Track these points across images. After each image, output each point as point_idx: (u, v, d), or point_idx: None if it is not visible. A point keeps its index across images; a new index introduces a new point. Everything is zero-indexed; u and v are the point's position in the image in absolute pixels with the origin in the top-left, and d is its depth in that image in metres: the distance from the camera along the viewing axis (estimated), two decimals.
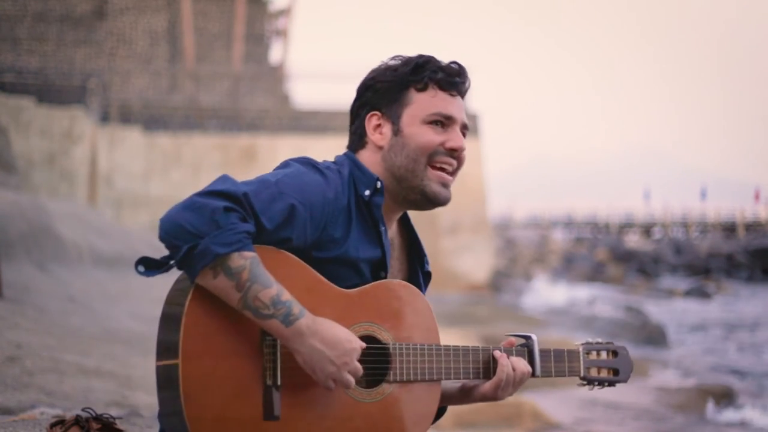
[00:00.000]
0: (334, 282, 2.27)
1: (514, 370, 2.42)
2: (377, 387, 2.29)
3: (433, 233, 26.17)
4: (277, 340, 2.15)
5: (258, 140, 26.70)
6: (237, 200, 2.11)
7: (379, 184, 2.34)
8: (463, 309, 20.81)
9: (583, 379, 2.57)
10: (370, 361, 2.28)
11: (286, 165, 2.30)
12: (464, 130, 2.41)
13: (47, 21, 31.02)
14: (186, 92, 30.03)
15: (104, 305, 10.09)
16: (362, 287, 2.30)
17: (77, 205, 19.38)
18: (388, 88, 2.38)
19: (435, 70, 2.37)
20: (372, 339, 2.29)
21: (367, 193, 2.33)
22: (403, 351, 2.31)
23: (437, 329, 2.40)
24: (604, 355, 2.61)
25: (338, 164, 2.37)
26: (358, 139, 2.42)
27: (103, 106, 26.08)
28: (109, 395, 5.44)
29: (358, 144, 2.42)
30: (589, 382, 2.58)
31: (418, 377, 2.32)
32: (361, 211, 2.34)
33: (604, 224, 64.48)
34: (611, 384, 2.60)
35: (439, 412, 2.48)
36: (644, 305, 23.63)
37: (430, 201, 2.37)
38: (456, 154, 2.38)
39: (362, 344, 2.20)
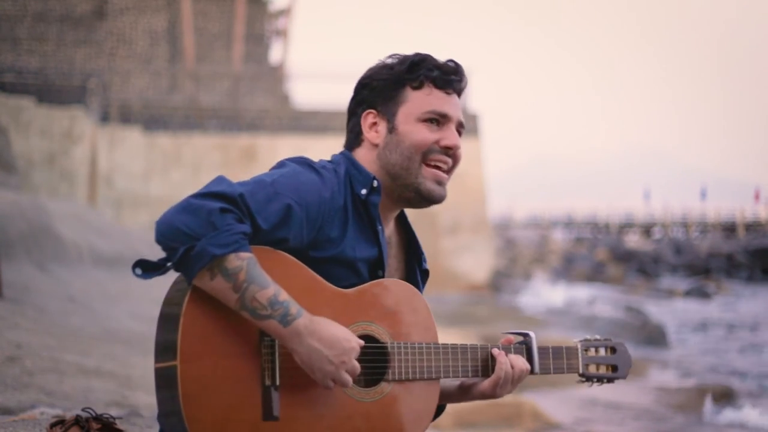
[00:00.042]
0: (332, 282, 2.26)
1: (512, 367, 2.42)
2: (376, 386, 2.28)
3: (433, 233, 26.17)
4: (276, 340, 2.15)
5: (258, 140, 26.70)
6: (233, 201, 2.11)
7: (375, 183, 2.34)
8: (463, 309, 20.80)
9: (582, 375, 2.58)
10: (369, 360, 2.27)
11: (282, 165, 2.30)
12: (460, 129, 2.41)
13: (47, 21, 31.01)
14: (186, 92, 30.01)
15: (104, 305, 10.08)
16: (360, 287, 2.30)
17: (77, 205, 19.37)
18: (384, 86, 2.38)
19: (431, 68, 2.37)
20: (370, 338, 2.29)
21: (363, 192, 2.33)
22: (402, 350, 2.31)
23: (435, 328, 2.40)
24: (602, 351, 2.61)
25: (334, 163, 2.37)
26: (354, 137, 2.42)
27: (103, 106, 26.07)
28: (109, 395, 5.44)
29: (354, 142, 2.42)
30: (588, 378, 2.58)
31: (417, 376, 2.32)
32: (358, 210, 2.33)
33: (604, 224, 64.45)
34: (610, 380, 2.60)
35: (438, 410, 2.48)
36: (644, 305, 23.61)
37: (425, 199, 2.37)
38: (451, 152, 2.37)
39: (360, 342, 2.19)
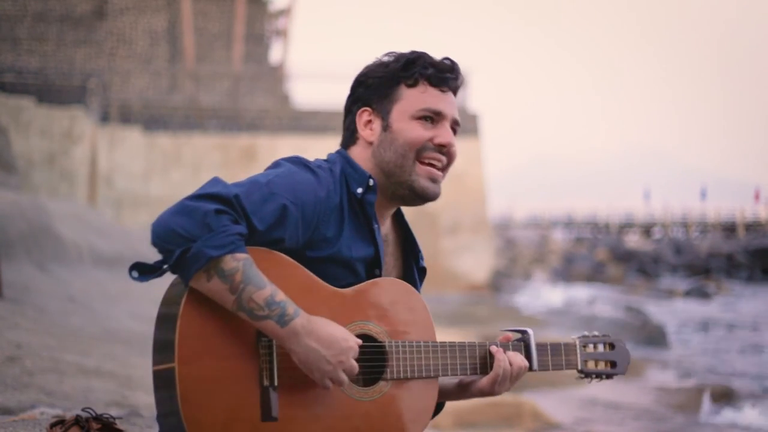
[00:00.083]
0: (329, 281, 2.26)
1: (510, 364, 2.42)
2: (374, 385, 2.28)
3: (433, 233, 26.17)
4: (273, 340, 2.15)
5: (258, 140, 26.70)
6: (228, 202, 2.11)
7: (371, 181, 2.33)
8: (463, 309, 20.81)
9: (581, 372, 2.58)
10: (367, 359, 2.27)
11: (277, 165, 2.30)
12: (455, 126, 2.40)
13: (47, 21, 31.01)
14: (186, 92, 30.01)
15: (104, 305, 10.09)
16: (357, 286, 2.30)
17: (77, 205, 19.37)
18: (379, 83, 2.38)
19: (425, 66, 2.37)
20: (368, 337, 2.29)
21: (359, 190, 2.33)
22: (400, 349, 2.31)
23: (433, 326, 2.40)
24: (601, 347, 2.61)
25: (330, 162, 2.37)
26: (350, 135, 2.43)
27: (103, 106, 26.08)
28: (109, 395, 5.44)
29: (349, 140, 2.42)
30: (586, 375, 2.58)
31: (415, 374, 2.32)
32: (354, 208, 2.33)
33: (604, 224, 64.43)
34: (609, 376, 2.60)
35: (437, 408, 2.48)
36: (644, 305, 23.61)
37: (418, 196, 2.36)
38: (445, 149, 2.37)
39: (358, 341, 2.19)
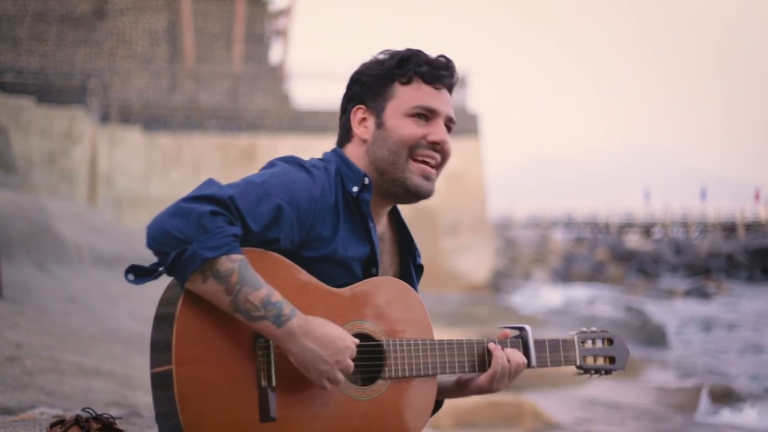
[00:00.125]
0: (326, 281, 2.26)
1: (509, 361, 2.42)
2: (373, 384, 2.28)
3: (433, 233, 26.16)
4: (270, 341, 2.15)
5: (258, 140, 26.69)
6: (223, 204, 2.11)
7: (366, 180, 2.33)
8: (463, 309, 20.81)
9: (580, 368, 2.57)
10: (365, 358, 2.27)
11: (272, 165, 2.30)
12: (450, 124, 2.40)
13: (47, 21, 31.01)
14: (186, 92, 30.01)
15: (104, 305, 10.08)
16: (353, 285, 2.30)
17: (77, 205, 19.37)
18: (374, 81, 2.38)
19: (419, 64, 2.36)
20: (365, 337, 2.29)
21: (355, 189, 2.32)
22: (397, 347, 2.31)
23: (430, 324, 2.39)
24: (599, 343, 2.60)
25: (325, 161, 2.37)
26: (345, 132, 2.43)
27: (103, 106, 26.07)
28: (109, 395, 5.44)
29: (345, 138, 2.42)
30: (586, 370, 2.57)
31: (414, 373, 2.32)
32: (349, 207, 2.33)
33: (604, 224, 64.40)
34: (608, 372, 2.59)
35: (436, 406, 2.48)
36: (644, 305, 23.61)
37: (411, 194, 2.36)
38: (438, 147, 2.36)
39: (355, 341, 2.19)
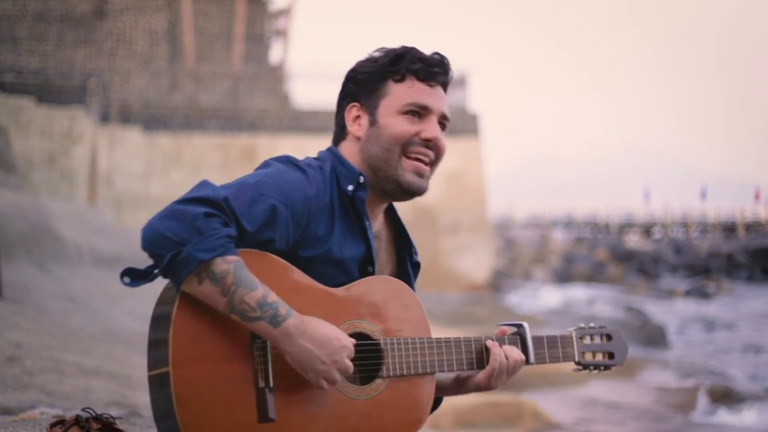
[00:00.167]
0: (323, 281, 2.26)
1: (507, 358, 2.42)
2: (371, 383, 2.28)
3: (433, 233, 26.17)
4: (267, 341, 2.15)
5: (258, 140, 26.69)
6: (217, 205, 2.10)
7: (362, 178, 2.33)
8: (463, 309, 20.81)
9: (579, 364, 2.56)
10: (363, 358, 2.27)
11: (267, 165, 2.29)
12: (444, 121, 2.39)
13: (47, 21, 31.01)
14: (186, 92, 30.01)
15: (104, 305, 10.08)
16: (349, 285, 2.30)
17: (77, 205, 19.37)
18: (368, 79, 2.37)
19: (413, 61, 2.36)
20: (362, 336, 2.28)
21: (350, 188, 2.32)
22: (395, 346, 2.31)
23: (427, 322, 2.39)
24: (598, 339, 2.60)
25: (320, 160, 2.37)
26: (339, 130, 2.42)
27: (103, 106, 26.07)
28: (109, 395, 5.44)
29: (339, 136, 2.42)
30: (585, 366, 2.57)
31: (412, 371, 2.32)
32: (345, 206, 2.33)
33: (604, 224, 64.35)
34: (607, 367, 2.58)
35: (435, 404, 2.47)
36: (644, 305, 23.62)
37: (405, 191, 2.36)
38: (431, 144, 2.36)
39: (352, 341, 2.19)
